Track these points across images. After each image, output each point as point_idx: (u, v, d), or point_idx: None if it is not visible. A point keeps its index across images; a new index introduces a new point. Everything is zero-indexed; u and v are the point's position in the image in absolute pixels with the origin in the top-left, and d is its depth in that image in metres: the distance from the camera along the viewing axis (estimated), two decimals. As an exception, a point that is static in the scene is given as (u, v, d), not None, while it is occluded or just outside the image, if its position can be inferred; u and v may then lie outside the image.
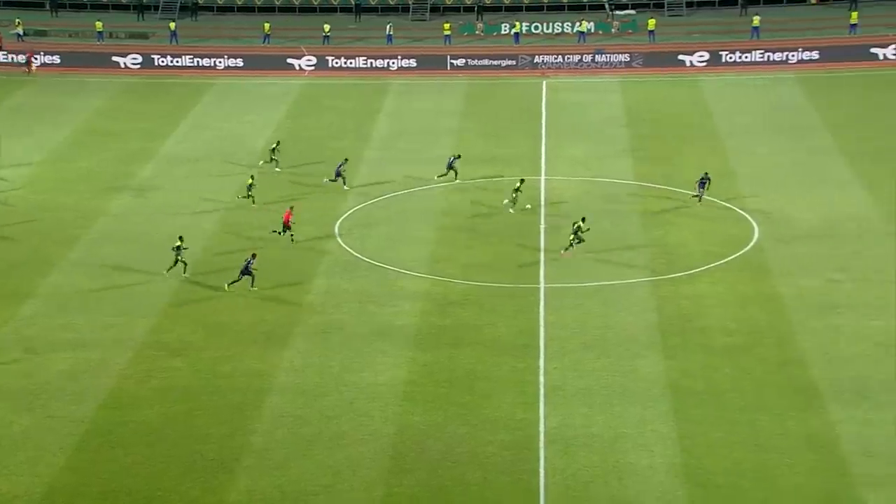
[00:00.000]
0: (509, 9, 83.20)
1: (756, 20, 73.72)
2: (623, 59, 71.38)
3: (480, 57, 73.04)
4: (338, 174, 51.02)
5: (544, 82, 69.23)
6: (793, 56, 69.88)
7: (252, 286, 41.07)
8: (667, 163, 53.46)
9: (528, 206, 47.86)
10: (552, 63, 71.87)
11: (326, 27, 76.94)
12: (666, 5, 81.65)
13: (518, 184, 47.86)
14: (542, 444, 31.70)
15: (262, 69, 72.77)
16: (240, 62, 73.44)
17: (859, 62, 68.77)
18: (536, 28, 79.10)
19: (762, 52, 70.47)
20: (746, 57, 70.37)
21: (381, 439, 32.11)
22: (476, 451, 31.55)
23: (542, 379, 35.09)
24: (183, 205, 50.07)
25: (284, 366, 36.16)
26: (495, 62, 72.54)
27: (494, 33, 78.96)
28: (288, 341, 37.70)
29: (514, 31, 77.01)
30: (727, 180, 50.98)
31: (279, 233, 45.05)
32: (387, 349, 37.10)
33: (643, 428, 32.27)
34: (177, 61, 73.72)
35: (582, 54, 72.01)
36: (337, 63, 73.29)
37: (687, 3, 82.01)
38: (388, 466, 30.89)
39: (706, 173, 48.11)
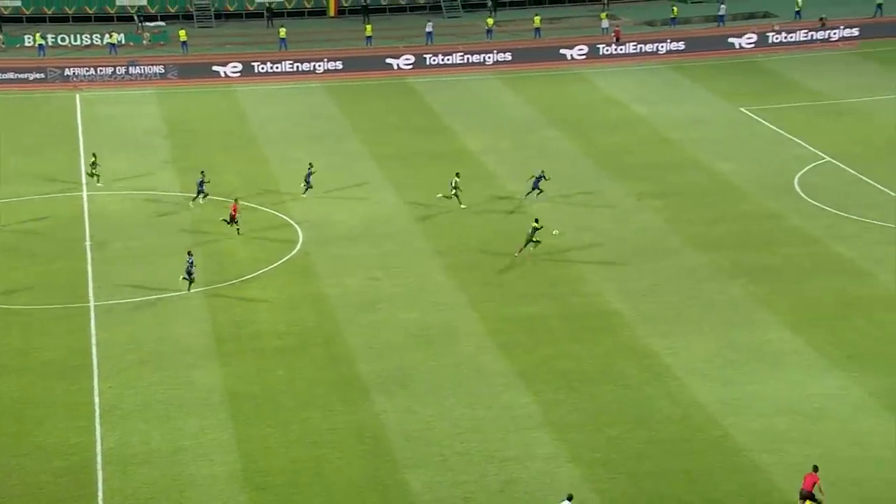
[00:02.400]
0: (31, 20, 78.77)
1: (282, 32, 75.11)
2: (158, 71, 69.98)
3: (5, 70, 68.62)
4: (200, 190, 48.35)
5: (78, 95, 66.30)
6: (319, 66, 71.90)
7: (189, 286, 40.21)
8: (209, 172, 53.07)
9: (556, 231, 44.59)
10: (84, 76, 68.98)
11: None
12: (195, 17, 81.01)
13: (455, 178, 47.90)
14: (99, 467, 30.43)
15: None
16: None
17: (376, 71, 72.09)
18: (63, 40, 75.51)
19: (291, 62, 71.92)
20: (277, 67, 71.50)
21: (-76, 483, 29.30)
22: (28, 481, 29.71)
23: (96, 399, 33.66)
24: None
25: None
26: (22, 76, 68.50)
27: (17, 45, 74.45)
28: None
29: (37, 43, 73.03)
30: (269, 187, 51.56)
31: (227, 222, 45.00)
32: (-76, 385, 33.89)
33: (202, 438, 31.88)
34: None
35: (115, 66, 69.73)
36: None
37: (215, 14, 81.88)
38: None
39: (542, 171, 48.59)
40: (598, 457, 31.00)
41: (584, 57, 74.04)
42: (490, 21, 78.89)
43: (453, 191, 48.19)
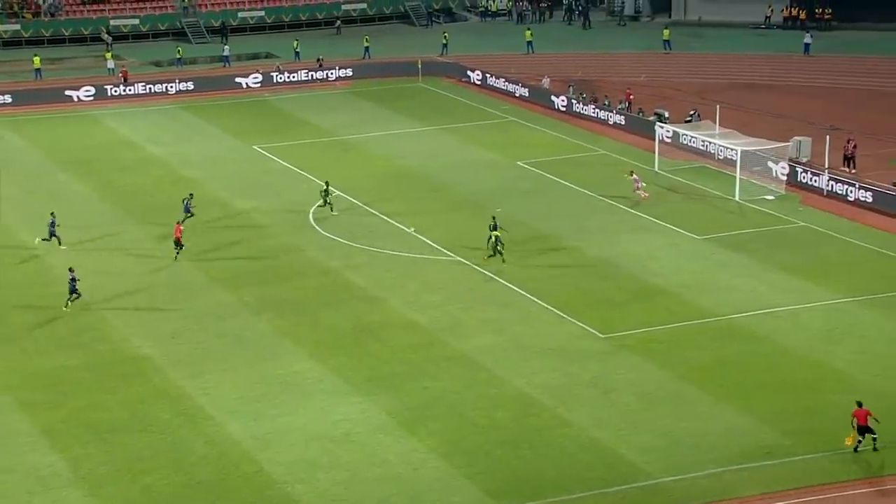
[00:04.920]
0: None
1: None
2: None
3: None
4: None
5: None
6: None
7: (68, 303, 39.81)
8: None
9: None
10: None
11: None
12: None
13: (325, 186, 50.87)
14: None
15: None
16: None
17: None
18: None
19: None
20: None
21: None
22: None
23: None
24: None
25: None
26: None
27: None
28: None
29: None
30: None
31: (176, 245, 45.12)
32: None
33: None
34: None
35: None
36: None
37: None
38: None
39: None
40: (134, 508, 29.78)
41: (91, 98, 71.42)
42: (-17, 61, 73.91)
43: (327, 198, 50.56)
